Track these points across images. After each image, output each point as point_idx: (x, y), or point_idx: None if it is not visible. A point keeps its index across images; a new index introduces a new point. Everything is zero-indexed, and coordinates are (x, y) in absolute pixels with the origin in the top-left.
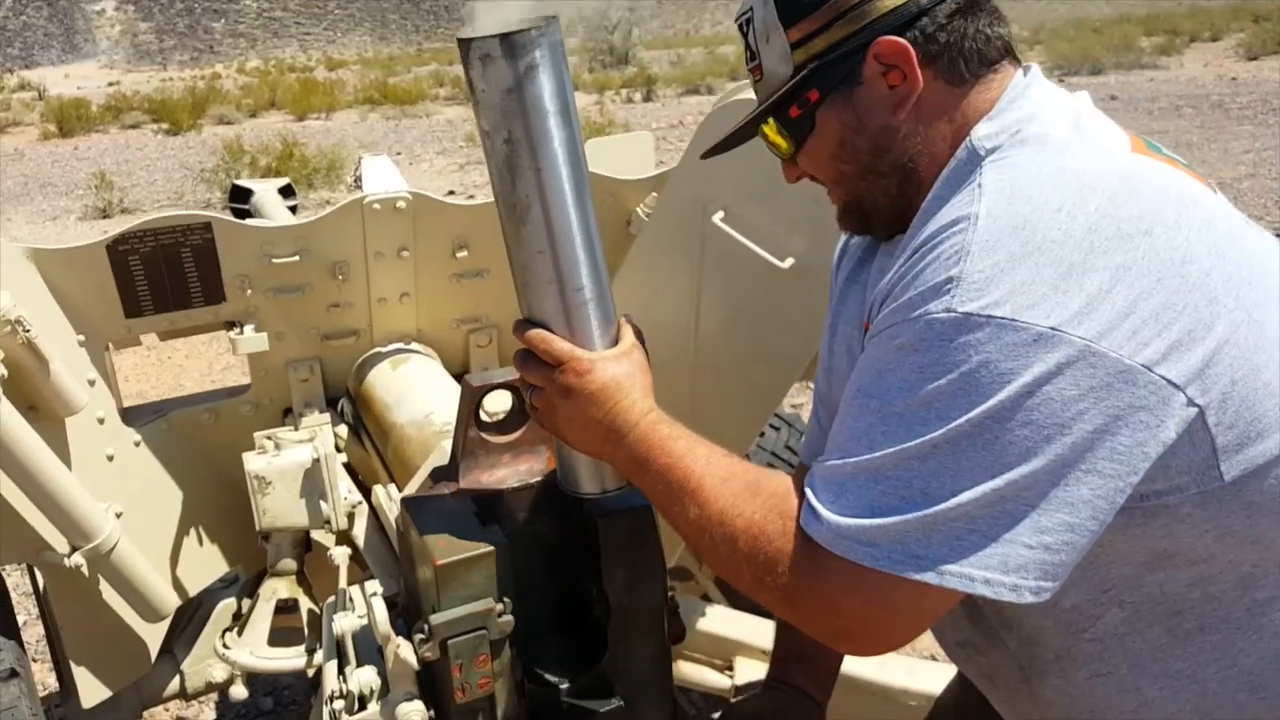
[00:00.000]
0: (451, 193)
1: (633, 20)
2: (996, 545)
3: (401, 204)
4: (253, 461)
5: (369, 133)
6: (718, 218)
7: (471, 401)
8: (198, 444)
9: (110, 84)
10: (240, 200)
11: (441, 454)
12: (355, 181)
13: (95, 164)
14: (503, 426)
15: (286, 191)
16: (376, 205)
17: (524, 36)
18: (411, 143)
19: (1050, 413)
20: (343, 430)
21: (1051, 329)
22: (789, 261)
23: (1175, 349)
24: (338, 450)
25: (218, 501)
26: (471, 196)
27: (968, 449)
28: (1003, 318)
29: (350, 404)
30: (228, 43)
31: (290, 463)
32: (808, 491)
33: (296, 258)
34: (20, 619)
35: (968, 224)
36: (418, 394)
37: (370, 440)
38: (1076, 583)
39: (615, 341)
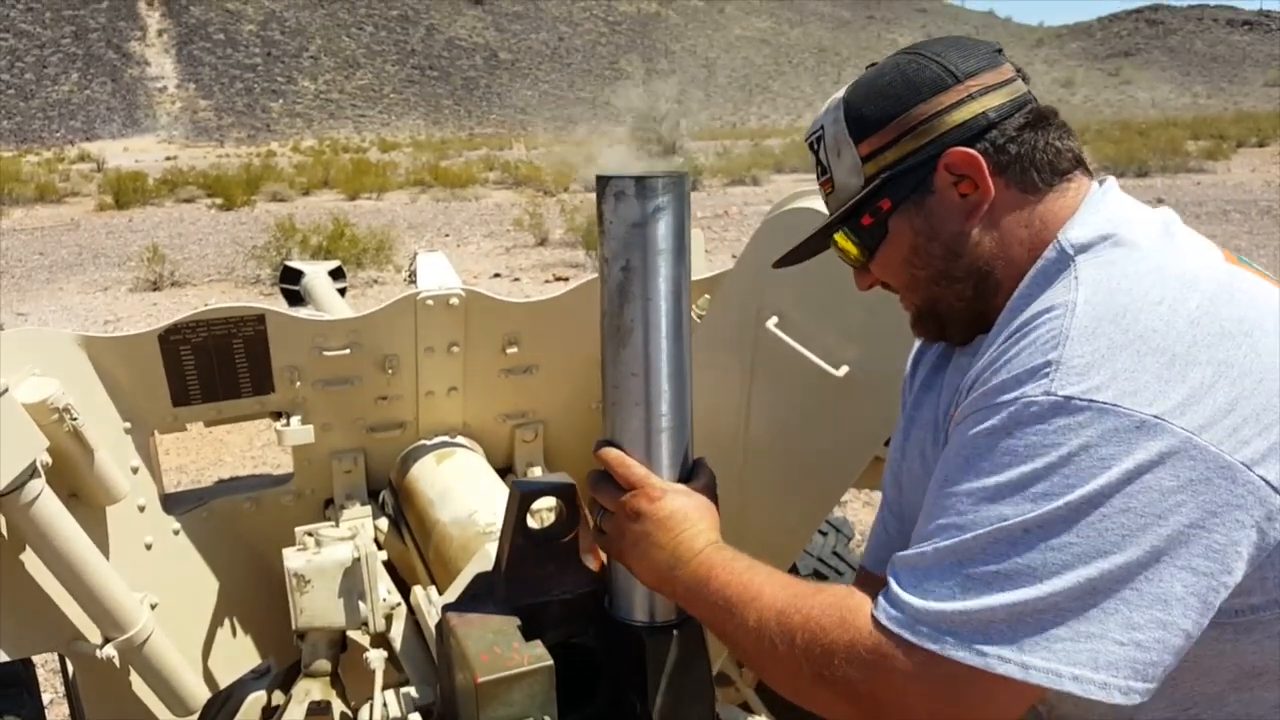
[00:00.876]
0: (497, 275)
1: (680, 112)
2: (1086, 640)
3: (455, 300)
4: (293, 559)
5: (419, 214)
6: (772, 323)
7: (519, 508)
8: (237, 533)
9: (168, 158)
10: (291, 281)
11: (484, 558)
12: (409, 276)
13: (149, 236)
14: (550, 534)
15: (337, 274)
16: (430, 301)
17: (655, 182)
18: (460, 225)
19: (1148, 502)
20: (383, 524)
21: (1155, 417)
22: (843, 369)
23: (1274, 451)
24: (377, 545)
25: (255, 591)
26: (516, 279)
27: (1062, 533)
28: (1105, 403)
29: (392, 496)
30: (284, 122)
31: (330, 561)
32: (889, 579)
33: (347, 350)
34: (46, 697)
35: (1065, 310)
36: (461, 491)
37: (411, 535)
38: (1156, 698)
39: (689, 476)
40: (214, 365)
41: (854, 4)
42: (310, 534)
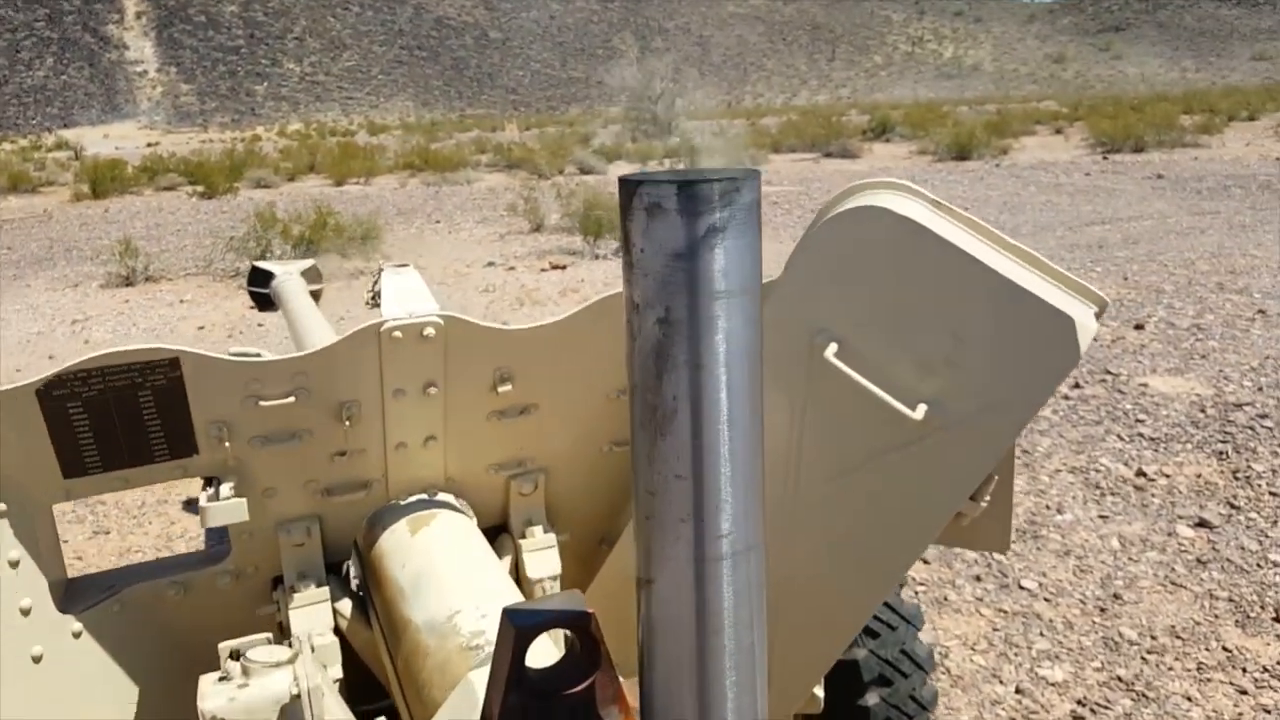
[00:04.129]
0: (491, 263)
1: (676, 91)
2: None
3: (430, 331)
4: (210, 696)
5: (408, 199)
6: (830, 352)
7: (515, 648)
8: (159, 629)
9: (149, 144)
10: (260, 284)
11: (468, 696)
12: (373, 298)
13: (124, 227)
14: (558, 679)
15: (311, 275)
16: (398, 333)
17: (710, 188)
18: (451, 210)
19: None
20: (346, 606)
21: None
22: (920, 410)
23: None
24: (339, 635)
25: (182, 697)
26: (511, 268)
27: None
28: None
29: (359, 566)
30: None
31: (260, 700)
32: None
33: (291, 399)
34: None
35: None
36: (441, 577)
37: (380, 623)
38: None
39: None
40: (115, 424)
41: None
42: (235, 654)
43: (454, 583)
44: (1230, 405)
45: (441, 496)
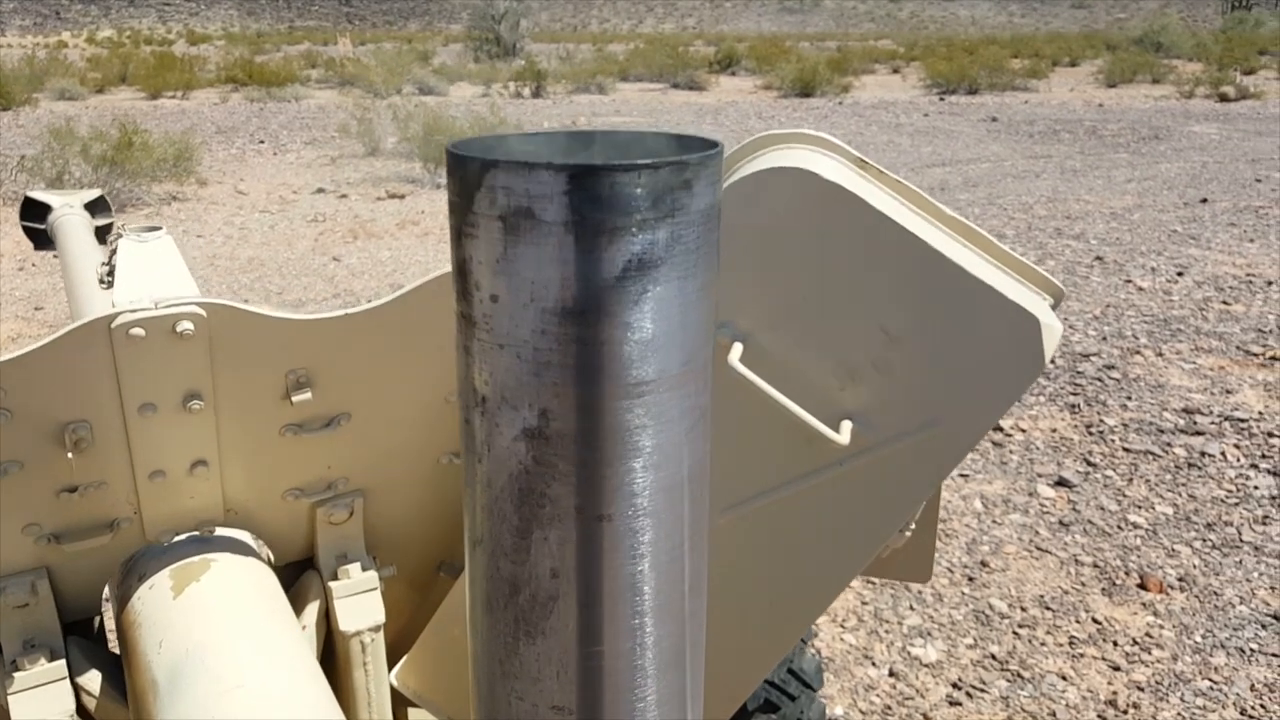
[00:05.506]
0: (321, 190)
1: (521, 11)
2: None
3: (187, 325)
4: None
5: (229, 116)
6: (734, 356)
7: None
8: None
9: None
10: (35, 218)
11: None
12: (106, 275)
13: None
14: None
15: (97, 207)
16: (138, 329)
17: (634, 180)
18: (277, 129)
19: None
20: (94, 680)
21: None
22: (845, 427)
23: None
24: (81, 714)
25: None
26: (344, 195)
27: None
28: None
29: (116, 621)
30: (76, 9)
31: None
32: None
33: None
34: None
35: None
36: (208, 669)
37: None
38: None
39: None
40: None
41: None
42: None
43: (226, 675)
44: (1078, 355)
45: (221, 532)
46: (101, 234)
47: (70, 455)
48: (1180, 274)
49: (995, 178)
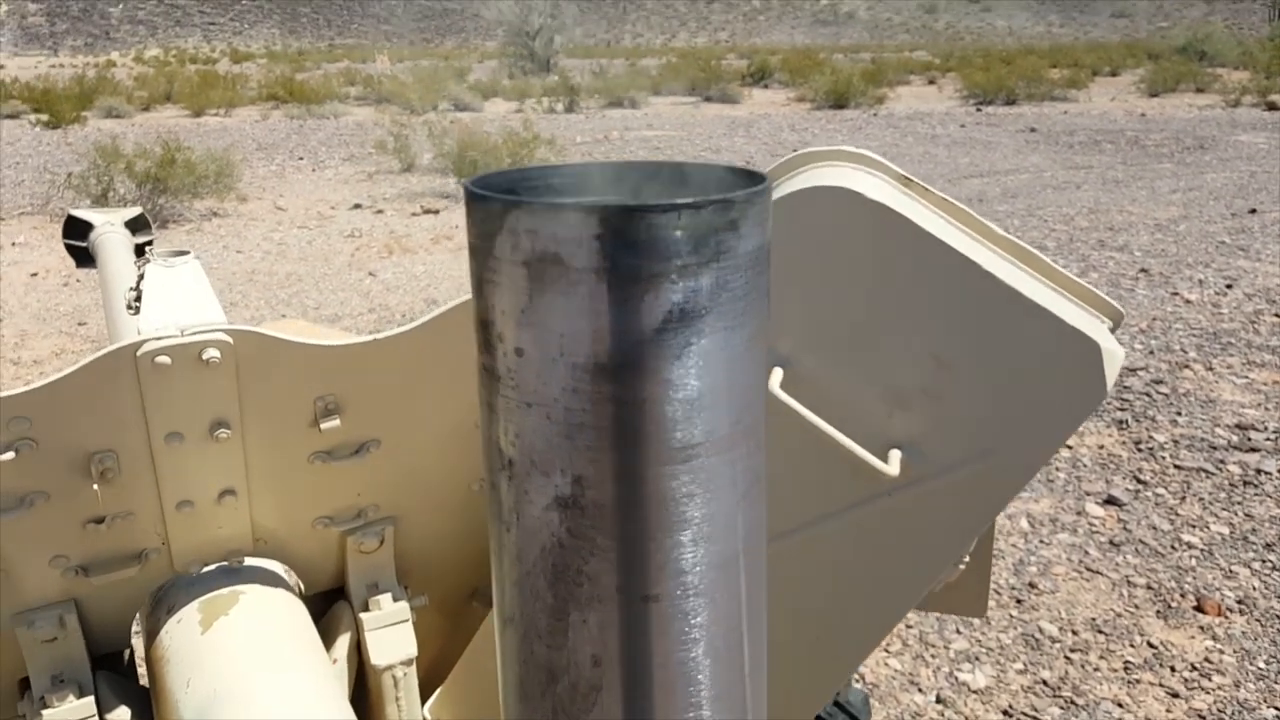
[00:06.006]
0: (358, 205)
1: (555, 27)
2: None
3: (213, 353)
4: None
5: (270, 133)
6: (775, 382)
7: None
8: None
9: None
10: (77, 236)
11: None
12: (133, 300)
13: None
14: None
15: (138, 224)
16: (163, 357)
17: (673, 222)
18: (316, 146)
19: None
20: (123, 716)
21: None
22: (895, 459)
23: None
24: None
25: None
26: (380, 211)
27: None
28: None
29: (146, 652)
30: (125, 29)
31: None
32: None
33: (10, 454)
34: None
35: None
36: (237, 710)
37: None
38: None
39: None
40: None
41: None
42: None
43: (258, 713)
44: (1124, 370)
45: (250, 562)
46: (141, 251)
47: (96, 486)
48: (1229, 286)
49: (1035, 189)
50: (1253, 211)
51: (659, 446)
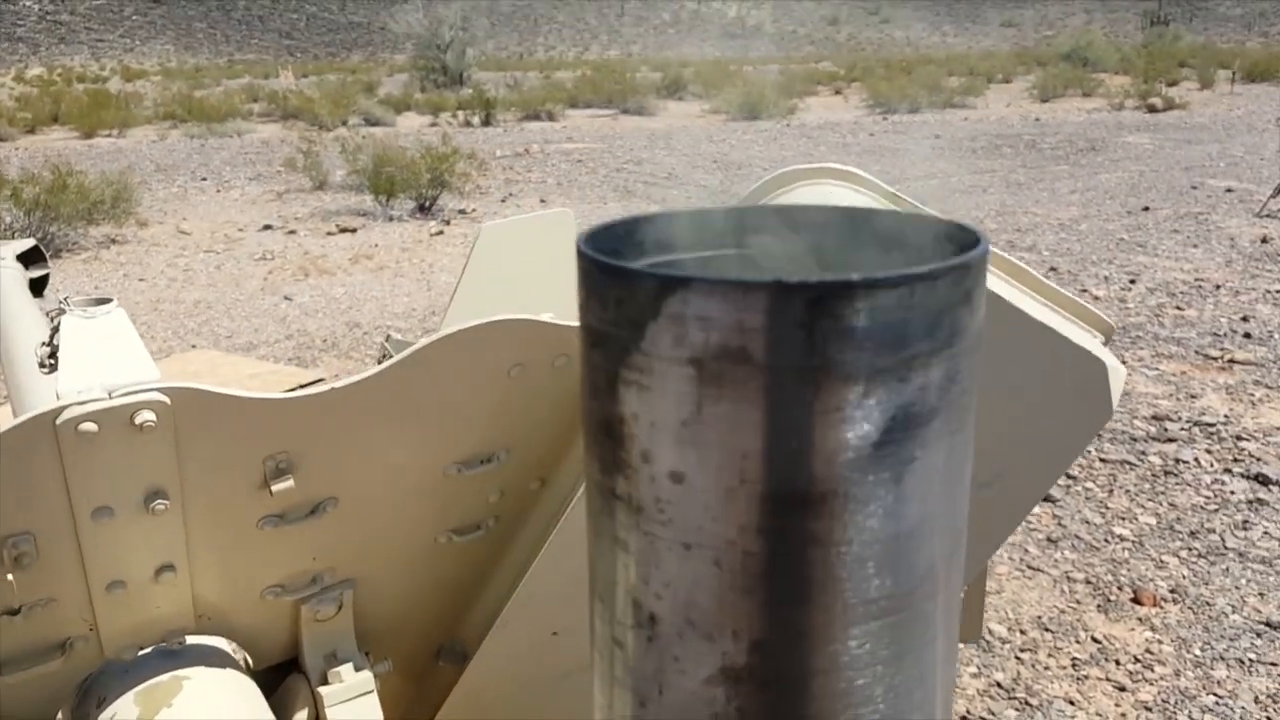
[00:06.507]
0: (269, 227)
1: (466, 40)
2: None
3: (148, 416)
4: None
5: (169, 154)
6: None
7: None
8: None
9: None
10: None
11: None
12: (47, 357)
13: None
14: None
15: (32, 257)
16: (89, 424)
17: (903, 301)
18: (220, 165)
19: None
20: None
21: None
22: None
23: None
24: None
25: None
26: (292, 231)
27: None
28: None
29: None
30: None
31: None
32: None
33: None
34: None
35: None
36: None
37: None
38: None
39: None
40: None
41: None
42: None
43: None
44: None
45: (192, 641)
46: (38, 286)
47: (10, 575)
48: (1133, 281)
49: (944, 194)
50: (1146, 209)
51: (865, 597)
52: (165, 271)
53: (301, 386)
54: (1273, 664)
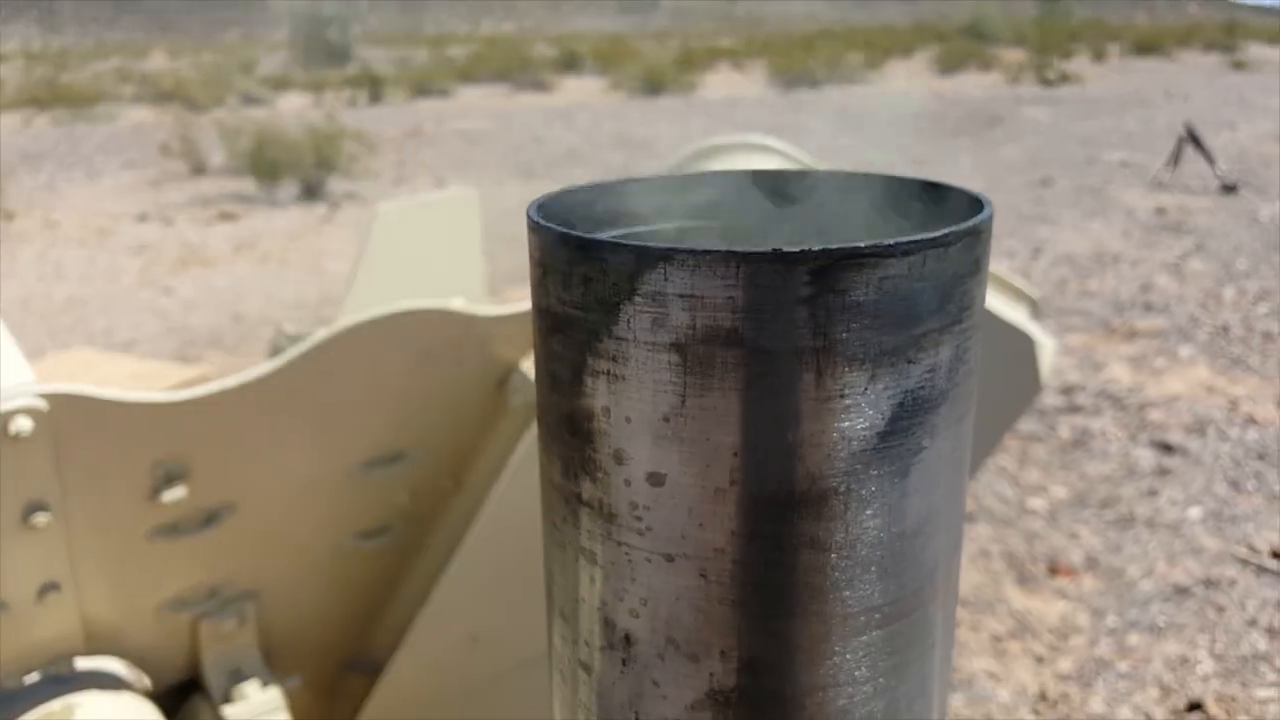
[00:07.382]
0: (144, 216)
1: (350, 14)
2: None
3: (23, 424)
4: None
5: (35, 142)
6: None
7: None
8: None
9: None
10: None
11: None
12: None
13: None
14: None
15: None
16: None
17: (949, 255)
18: (90, 153)
19: None
20: None
21: None
22: None
23: None
24: None
25: None
26: (170, 221)
27: None
28: None
29: None
30: None
31: None
32: None
33: None
34: None
35: None
36: None
37: None
38: None
39: None
40: None
41: None
42: None
43: None
44: None
45: (83, 664)
46: None
47: None
48: (1037, 254)
49: (854, 168)
50: (1045, 183)
51: (865, 604)
52: (34, 267)
53: (186, 384)
54: (1181, 627)
